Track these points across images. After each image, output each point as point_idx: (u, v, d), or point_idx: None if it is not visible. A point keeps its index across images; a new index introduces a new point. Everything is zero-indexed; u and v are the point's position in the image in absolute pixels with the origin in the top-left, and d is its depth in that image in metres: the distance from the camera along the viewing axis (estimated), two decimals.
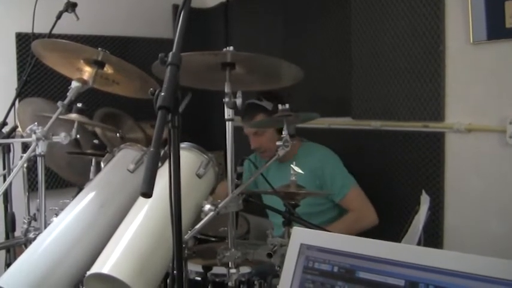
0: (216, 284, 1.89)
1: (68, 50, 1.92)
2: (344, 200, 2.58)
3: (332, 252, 1.20)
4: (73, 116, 2.02)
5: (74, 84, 1.90)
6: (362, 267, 1.15)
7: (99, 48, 1.83)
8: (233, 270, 1.68)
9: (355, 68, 2.89)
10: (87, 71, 1.94)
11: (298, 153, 2.65)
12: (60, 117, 1.88)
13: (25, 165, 2.11)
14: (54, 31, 2.42)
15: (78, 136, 2.01)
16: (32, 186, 2.31)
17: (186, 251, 1.66)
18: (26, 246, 1.86)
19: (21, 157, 1.93)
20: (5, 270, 1.58)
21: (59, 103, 1.87)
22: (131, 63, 1.88)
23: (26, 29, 2.60)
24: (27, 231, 1.95)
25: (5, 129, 2.36)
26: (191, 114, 1.70)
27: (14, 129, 2.31)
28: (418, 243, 1.62)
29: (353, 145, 2.89)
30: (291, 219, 1.85)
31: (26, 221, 1.98)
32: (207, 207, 1.62)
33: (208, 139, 2.44)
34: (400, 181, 2.67)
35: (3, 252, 2.34)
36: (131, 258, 1.44)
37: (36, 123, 1.85)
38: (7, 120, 2.38)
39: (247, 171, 2.57)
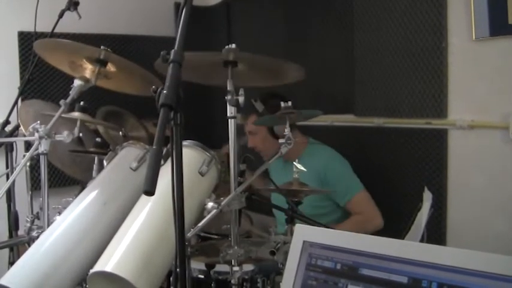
0: (219, 281, 1.89)
1: (70, 49, 1.92)
2: (350, 203, 2.56)
3: (335, 250, 1.20)
4: (75, 114, 2.03)
5: (77, 82, 1.90)
6: (365, 264, 1.15)
7: (102, 47, 1.83)
8: (236, 268, 1.67)
9: (358, 65, 2.88)
10: (90, 69, 1.94)
11: (303, 154, 2.63)
12: (63, 115, 1.88)
13: (28, 163, 2.12)
14: (57, 30, 2.42)
15: (81, 134, 2.01)
16: (35, 184, 2.31)
17: (188, 249, 1.65)
18: (29, 245, 1.86)
19: (24, 156, 1.93)
20: (9, 269, 1.58)
21: (62, 101, 1.87)
22: (133, 62, 1.88)
23: (29, 27, 2.61)
24: (30, 229, 1.95)
25: (8, 128, 2.37)
26: (194, 111, 1.70)
27: (17, 127, 2.31)
28: (421, 240, 1.62)
29: (356, 142, 2.89)
30: (293, 216, 1.85)
31: (29, 220, 1.98)
32: (210, 204, 1.62)
33: (210, 137, 2.44)
34: (402, 178, 2.67)
35: (7, 250, 2.35)
36: (134, 256, 1.44)
37: (38, 121, 1.85)
38: (10, 119, 2.38)
39: None
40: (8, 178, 2.29)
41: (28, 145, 2.52)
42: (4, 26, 3.33)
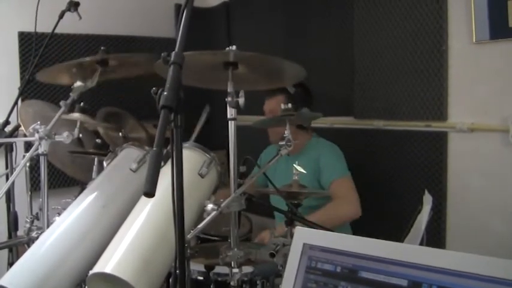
0: (219, 283, 1.88)
1: (71, 66, 1.92)
2: (333, 185, 2.51)
3: (335, 252, 1.20)
4: (76, 115, 2.02)
5: (77, 83, 1.90)
6: (365, 267, 1.15)
7: (101, 48, 1.82)
8: (235, 270, 1.68)
9: (358, 68, 2.88)
10: (91, 71, 1.94)
11: (307, 147, 2.66)
12: (63, 116, 1.88)
13: (28, 164, 2.11)
14: (57, 30, 2.41)
15: (80, 135, 2.01)
16: (34, 185, 2.31)
17: (188, 251, 1.65)
18: (29, 246, 1.86)
19: (24, 156, 1.93)
20: (8, 270, 1.58)
21: (62, 102, 1.87)
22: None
23: (29, 28, 2.61)
24: (29, 230, 1.95)
25: (8, 128, 2.36)
26: (194, 113, 1.69)
27: (17, 128, 2.31)
28: (421, 243, 1.62)
29: (355, 145, 2.89)
30: (293, 218, 1.85)
31: (28, 220, 1.98)
32: (210, 206, 1.62)
33: (210, 138, 2.44)
34: (402, 181, 2.67)
35: (6, 251, 2.35)
36: (134, 257, 1.44)
37: (39, 122, 1.85)
38: (10, 120, 2.38)
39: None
40: (7, 179, 2.29)
41: (28, 145, 2.52)
42: (4, 26, 3.33)
